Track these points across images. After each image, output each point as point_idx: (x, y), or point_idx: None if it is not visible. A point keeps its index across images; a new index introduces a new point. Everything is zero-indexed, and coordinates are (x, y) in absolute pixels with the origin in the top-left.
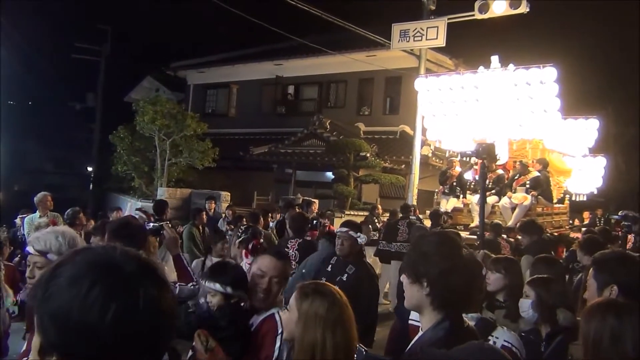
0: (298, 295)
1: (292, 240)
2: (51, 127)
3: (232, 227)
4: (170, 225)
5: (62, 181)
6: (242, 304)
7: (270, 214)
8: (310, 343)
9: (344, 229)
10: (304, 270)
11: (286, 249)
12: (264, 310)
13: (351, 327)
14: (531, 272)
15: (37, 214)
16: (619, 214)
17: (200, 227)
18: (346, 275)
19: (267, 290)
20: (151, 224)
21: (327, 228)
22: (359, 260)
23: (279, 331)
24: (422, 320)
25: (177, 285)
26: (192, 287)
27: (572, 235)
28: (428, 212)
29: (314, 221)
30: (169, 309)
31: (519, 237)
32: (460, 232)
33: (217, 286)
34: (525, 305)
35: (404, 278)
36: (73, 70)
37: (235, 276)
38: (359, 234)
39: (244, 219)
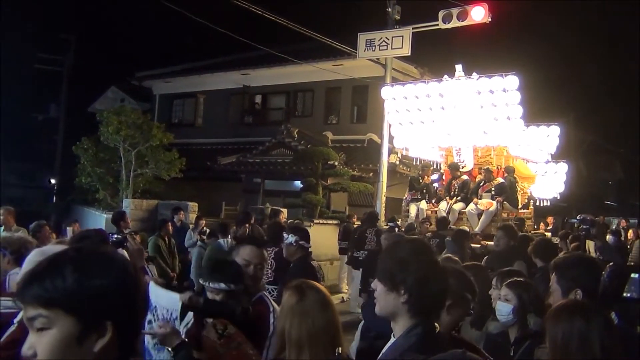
0: (285, 288)
1: (269, 249)
2: (13, 138)
3: (203, 237)
4: (134, 237)
5: (24, 194)
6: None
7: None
8: (280, 329)
9: None
10: None
11: None
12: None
13: (321, 324)
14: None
15: (1, 228)
16: (577, 217)
17: (167, 238)
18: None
19: (254, 278)
20: (115, 236)
21: None
22: (299, 262)
23: (271, 309)
24: (395, 327)
25: None
26: None
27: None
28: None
29: None
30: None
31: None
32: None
33: (222, 285)
34: (506, 310)
35: (377, 285)
36: (35, 81)
37: (234, 273)
38: (288, 235)
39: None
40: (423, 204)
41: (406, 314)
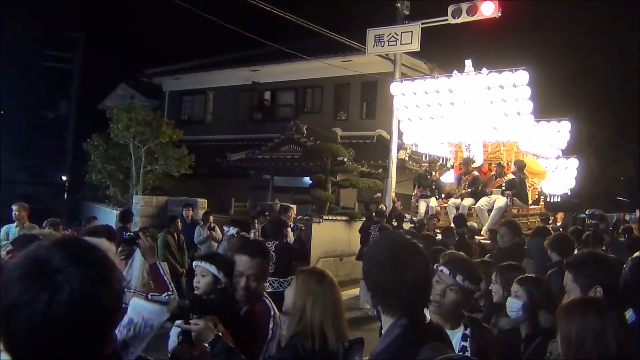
0: (298, 273)
1: (270, 242)
2: (24, 136)
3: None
4: (146, 234)
5: (34, 191)
6: (228, 291)
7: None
8: (300, 306)
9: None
10: None
11: None
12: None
13: (337, 302)
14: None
15: (14, 224)
16: (586, 212)
17: (176, 235)
18: None
19: (246, 289)
20: (127, 234)
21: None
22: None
23: (272, 313)
24: (382, 319)
25: (150, 295)
26: (166, 296)
27: None
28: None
29: (292, 225)
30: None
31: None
32: (438, 234)
33: (213, 268)
34: (516, 306)
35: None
36: (45, 79)
37: (228, 265)
38: (229, 227)
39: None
40: (433, 201)
41: (385, 310)
